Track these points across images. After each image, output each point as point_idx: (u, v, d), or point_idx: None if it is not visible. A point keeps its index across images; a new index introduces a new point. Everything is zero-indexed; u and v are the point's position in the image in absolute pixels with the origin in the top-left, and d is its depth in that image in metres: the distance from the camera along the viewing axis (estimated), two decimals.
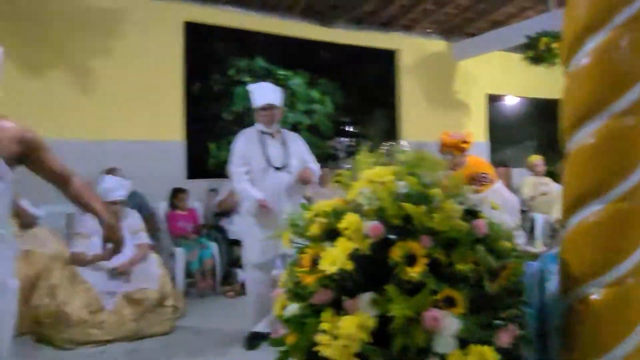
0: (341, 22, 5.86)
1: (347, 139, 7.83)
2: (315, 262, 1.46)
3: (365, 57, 7.08)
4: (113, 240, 1.72)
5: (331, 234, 1.47)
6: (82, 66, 4.46)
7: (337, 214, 1.47)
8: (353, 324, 1.27)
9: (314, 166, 3.29)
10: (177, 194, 4.66)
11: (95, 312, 3.35)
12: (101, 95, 4.55)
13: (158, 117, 4.81)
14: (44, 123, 4.24)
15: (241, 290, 4.27)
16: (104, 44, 4.54)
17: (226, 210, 4.78)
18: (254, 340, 3.15)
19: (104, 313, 3.37)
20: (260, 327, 3.17)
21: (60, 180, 1.73)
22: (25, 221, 3.59)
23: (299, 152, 3.28)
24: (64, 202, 4.26)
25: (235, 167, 3.17)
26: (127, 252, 3.66)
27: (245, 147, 3.18)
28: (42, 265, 3.54)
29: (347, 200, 1.56)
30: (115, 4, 4.58)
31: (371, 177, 1.49)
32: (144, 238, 3.84)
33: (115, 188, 3.66)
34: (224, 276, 4.57)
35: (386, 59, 6.71)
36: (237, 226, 4.47)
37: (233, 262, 4.59)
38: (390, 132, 7.13)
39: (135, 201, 4.45)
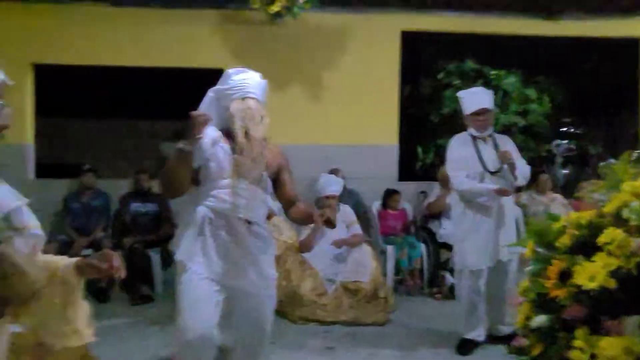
0: (570, 14, 5.31)
1: (566, 142, 7.03)
2: (564, 275, 1.41)
3: (597, 49, 6.24)
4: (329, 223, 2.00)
5: (585, 248, 1.40)
6: (313, 79, 5.10)
7: (595, 227, 1.39)
8: (618, 346, 1.20)
9: (525, 169, 3.17)
10: (390, 194, 4.93)
11: (321, 295, 3.82)
12: (327, 104, 5.12)
13: (375, 122, 5.16)
14: (282, 131, 4.99)
15: (449, 294, 4.29)
16: (332, 58, 5.09)
17: (435, 213, 4.84)
18: (466, 346, 3.15)
19: (327, 297, 3.82)
20: (474, 335, 3.16)
21: (289, 201, 2.15)
22: (271, 214, 4.27)
23: None
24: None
25: (455, 171, 3.21)
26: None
27: (460, 152, 3.21)
28: (281, 251, 4.18)
29: (604, 212, 1.46)
30: (341, 21, 5.09)
31: (637, 190, 1.37)
32: (358, 229, 4.24)
33: (330, 184, 4.14)
34: (431, 277, 4.65)
35: (626, 49, 5.78)
36: (447, 230, 4.49)
37: (441, 264, 4.62)
38: (629, 136, 6.14)
39: (353, 199, 4.89)
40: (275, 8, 4.13)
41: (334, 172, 4.74)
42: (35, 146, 5.21)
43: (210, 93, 2.06)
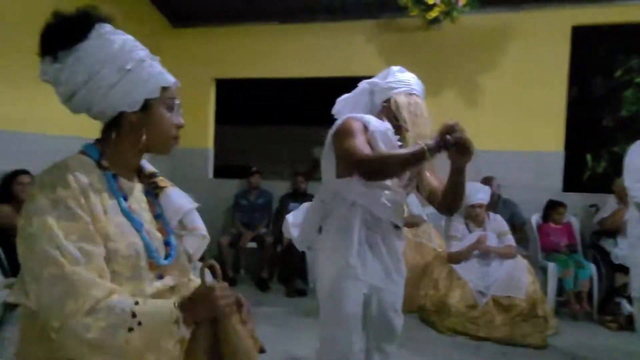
0: None
1: None
2: None
3: None
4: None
5: None
6: (469, 82, 4.90)
7: None
8: None
9: None
10: (554, 206, 4.48)
11: (471, 307, 3.66)
12: (484, 108, 4.87)
13: (536, 127, 4.75)
14: None
15: (626, 324, 3.73)
16: (490, 59, 4.84)
17: (609, 230, 4.26)
18: None
19: (477, 310, 3.64)
20: None
21: (432, 191, 1.93)
22: (410, 221, 4.24)
23: None
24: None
25: (635, 182, 2.79)
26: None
27: None
28: (429, 257, 4.14)
29: None
30: (501, 21, 4.80)
31: None
32: (511, 240, 3.97)
33: (477, 192, 3.93)
34: (602, 303, 4.09)
35: None
36: (623, 250, 3.91)
37: (615, 289, 4.05)
38: None
39: (509, 209, 4.57)
40: (433, 14, 4.10)
41: (487, 180, 4.51)
42: (214, 150, 6.00)
43: (365, 85, 2.02)
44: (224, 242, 5.00)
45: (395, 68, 1.99)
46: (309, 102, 7.77)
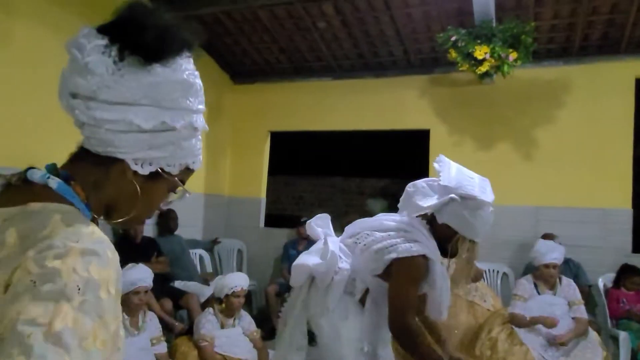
0: None
1: None
2: None
3: None
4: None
5: None
6: (525, 136, 4.77)
7: None
8: None
9: None
10: (628, 273, 4.10)
11: None
12: (541, 162, 4.70)
13: (601, 182, 4.49)
14: (493, 191, 4.79)
15: None
16: (547, 113, 4.71)
17: None
18: None
19: None
20: None
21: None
22: (474, 274, 4.04)
23: None
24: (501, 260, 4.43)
25: None
26: (564, 324, 3.55)
27: None
28: (482, 318, 3.88)
29: None
30: (557, 74, 4.71)
31: None
32: (583, 312, 3.60)
33: (552, 250, 3.66)
34: None
35: None
36: None
37: None
38: None
39: (572, 271, 4.28)
40: (483, 69, 4.09)
41: (547, 237, 4.26)
42: (266, 199, 6.13)
43: (450, 194, 1.80)
44: (271, 292, 4.98)
45: (487, 200, 1.83)
46: (361, 154, 7.87)
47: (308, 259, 2.02)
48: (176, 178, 0.81)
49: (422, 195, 1.87)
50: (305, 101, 5.75)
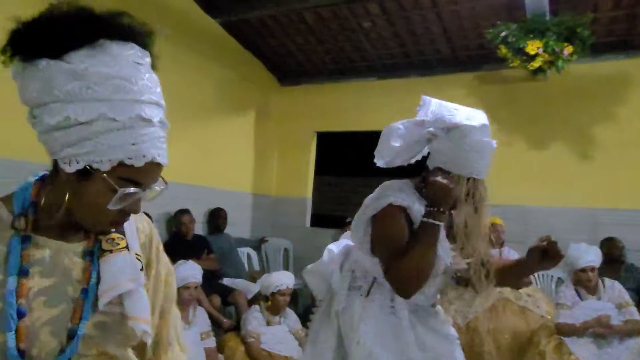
0: None
1: None
2: None
3: None
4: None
5: None
6: (582, 135, 4.55)
7: None
8: None
9: None
10: None
11: None
12: (599, 161, 4.47)
13: None
14: (545, 192, 4.62)
15: None
16: (605, 110, 4.47)
17: None
18: None
19: None
20: None
21: None
22: (527, 282, 3.89)
23: None
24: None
25: None
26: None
27: None
28: (535, 324, 3.73)
29: None
30: (616, 68, 4.45)
31: None
32: (635, 314, 3.40)
33: (586, 253, 3.46)
34: None
35: None
36: None
37: None
38: None
39: (634, 276, 4.04)
40: (535, 64, 3.93)
41: (608, 241, 4.05)
42: (312, 199, 6.19)
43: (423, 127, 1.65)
44: None
45: (473, 124, 1.61)
46: None
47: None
48: (120, 176, 0.74)
49: (396, 136, 1.67)
50: (351, 101, 5.75)
